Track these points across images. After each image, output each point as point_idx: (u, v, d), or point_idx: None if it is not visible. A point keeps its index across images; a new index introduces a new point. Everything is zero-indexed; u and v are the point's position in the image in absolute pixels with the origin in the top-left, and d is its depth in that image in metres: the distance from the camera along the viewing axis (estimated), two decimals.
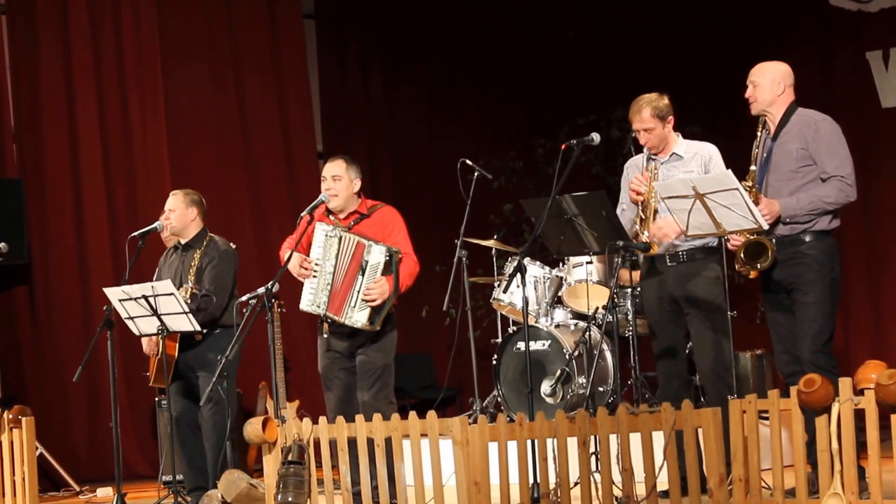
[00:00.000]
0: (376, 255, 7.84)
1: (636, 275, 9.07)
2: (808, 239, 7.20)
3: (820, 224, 7.20)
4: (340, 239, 7.91)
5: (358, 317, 7.88)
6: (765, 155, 7.33)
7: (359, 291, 7.84)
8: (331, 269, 7.91)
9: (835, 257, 7.25)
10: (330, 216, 8.13)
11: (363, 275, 7.85)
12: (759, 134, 7.34)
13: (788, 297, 7.27)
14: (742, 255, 7.12)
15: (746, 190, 7.03)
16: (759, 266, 7.12)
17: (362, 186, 8.16)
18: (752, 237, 7.10)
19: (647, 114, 7.80)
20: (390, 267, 7.85)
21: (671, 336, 7.91)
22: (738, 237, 7.18)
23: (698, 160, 7.85)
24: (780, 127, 7.32)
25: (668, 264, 7.84)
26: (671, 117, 7.86)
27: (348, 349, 8.04)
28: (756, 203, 7.03)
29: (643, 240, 7.66)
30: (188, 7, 12.00)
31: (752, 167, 7.27)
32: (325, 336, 8.05)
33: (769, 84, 7.34)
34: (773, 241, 7.13)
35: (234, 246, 8.84)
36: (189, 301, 8.36)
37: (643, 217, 7.72)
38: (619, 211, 7.95)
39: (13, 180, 11.17)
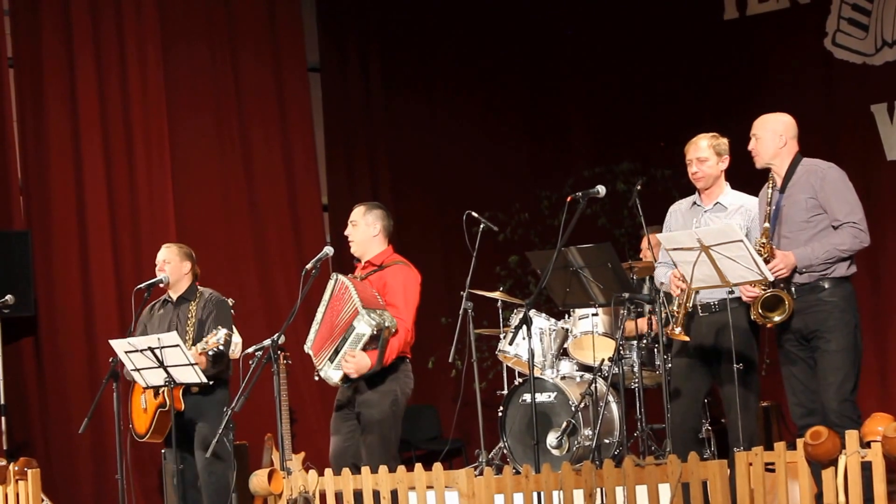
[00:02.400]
0: (363, 327, 7.58)
1: (642, 323, 9.07)
2: (827, 286, 7.15)
3: (838, 270, 7.16)
4: (336, 282, 7.84)
5: (332, 374, 7.76)
6: (774, 208, 7.30)
7: (338, 353, 7.70)
8: (322, 310, 7.87)
9: (854, 304, 7.21)
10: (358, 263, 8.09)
11: (347, 339, 7.66)
12: (768, 191, 7.31)
13: (806, 348, 7.21)
14: (759, 309, 7.09)
15: (761, 246, 7.02)
16: (775, 319, 7.08)
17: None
18: (768, 290, 7.07)
19: (705, 143, 7.78)
20: (376, 342, 7.63)
21: (691, 385, 7.83)
22: (752, 288, 7.13)
23: (743, 213, 7.75)
24: (787, 179, 7.31)
25: (701, 314, 7.78)
26: (727, 157, 7.82)
27: (349, 397, 7.92)
28: (771, 257, 7.02)
29: (677, 334, 7.57)
30: (194, 61, 12.04)
31: (766, 224, 7.24)
32: (317, 379, 8.00)
33: (770, 136, 7.34)
34: (792, 290, 7.10)
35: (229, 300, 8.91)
36: (217, 353, 8.35)
37: (675, 309, 7.61)
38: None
39: (20, 232, 11.18)
